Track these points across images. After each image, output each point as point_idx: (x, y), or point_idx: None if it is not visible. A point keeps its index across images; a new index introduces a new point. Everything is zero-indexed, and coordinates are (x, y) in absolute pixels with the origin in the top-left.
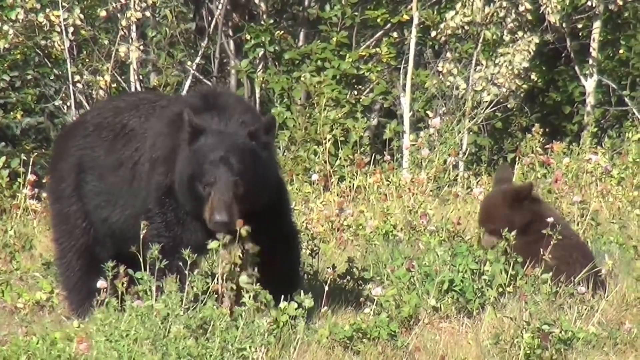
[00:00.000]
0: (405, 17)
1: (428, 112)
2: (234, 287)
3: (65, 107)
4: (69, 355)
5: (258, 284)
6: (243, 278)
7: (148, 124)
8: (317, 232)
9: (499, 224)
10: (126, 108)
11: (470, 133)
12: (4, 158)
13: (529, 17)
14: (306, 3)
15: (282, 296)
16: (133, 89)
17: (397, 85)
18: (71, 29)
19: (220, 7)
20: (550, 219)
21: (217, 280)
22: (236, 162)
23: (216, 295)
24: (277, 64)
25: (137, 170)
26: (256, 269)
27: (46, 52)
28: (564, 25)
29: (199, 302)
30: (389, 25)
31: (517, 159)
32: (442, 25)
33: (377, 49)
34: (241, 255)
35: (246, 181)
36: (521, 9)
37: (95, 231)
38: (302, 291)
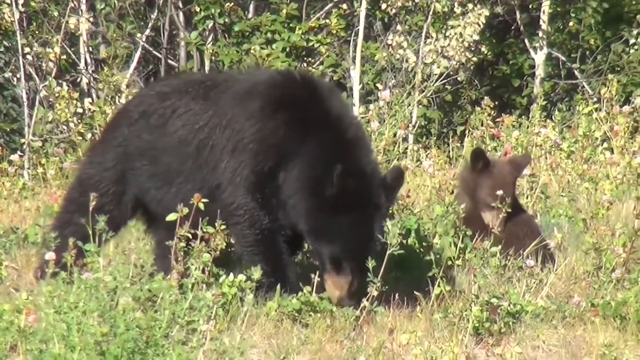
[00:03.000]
0: None
1: (378, 84)
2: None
3: (15, 79)
4: (18, 327)
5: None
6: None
7: (212, 105)
8: None
9: (508, 193)
10: (173, 92)
11: (420, 106)
12: None
13: None
14: None
15: None
16: (83, 62)
17: (346, 57)
18: (21, 1)
19: None
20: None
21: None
22: None
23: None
24: (226, 36)
25: (205, 148)
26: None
27: None
28: None
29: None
30: None
31: (466, 132)
32: None
33: (327, 21)
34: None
35: None
36: None
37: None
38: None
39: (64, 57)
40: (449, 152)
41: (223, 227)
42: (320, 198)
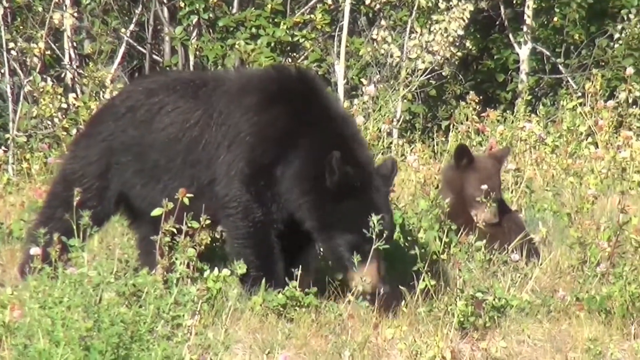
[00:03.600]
0: None
1: (362, 79)
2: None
3: None
4: (2, 322)
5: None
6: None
7: (202, 103)
8: None
9: (495, 186)
10: (160, 89)
11: (405, 101)
12: None
13: None
14: None
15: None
16: (67, 57)
17: (331, 52)
18: None
19: None
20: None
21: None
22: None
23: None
24: (211, 31)
25: (197, 145)
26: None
27: None
28: None
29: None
30: None
31: (451, 126)
32: None
33: (312, 16)
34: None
35: None
36: None
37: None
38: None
39: (49, 52)
40: (434, 146)
41: (208, 222)
42: (324, 190)
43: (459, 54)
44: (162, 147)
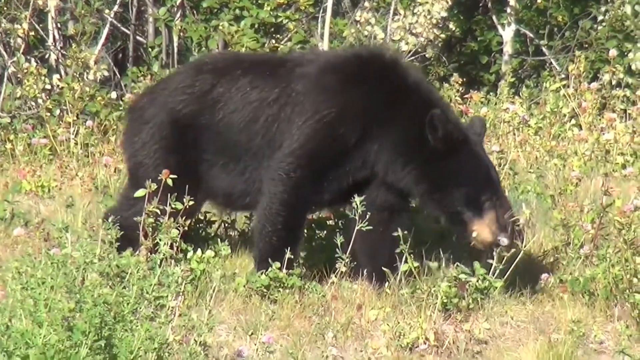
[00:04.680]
0: None
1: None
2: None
3: None
4: None
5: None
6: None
7: (280, 81)
8: None
9: None
10: (230, 68)
11: None
12: None
13: None
14: None
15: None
16: (51, 38)
17: (315, 34)
18: None
19: None
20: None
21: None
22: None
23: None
24: (195, 12)
25: (272, 122)
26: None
27: None
28: None
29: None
30: None
31: None
32: None
33: None
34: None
35: None
36: None
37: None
38: (219, 239)
39: (32, 33)
40: None
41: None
42: (428, 152)
43: (443, 35)
44: (242, 127)
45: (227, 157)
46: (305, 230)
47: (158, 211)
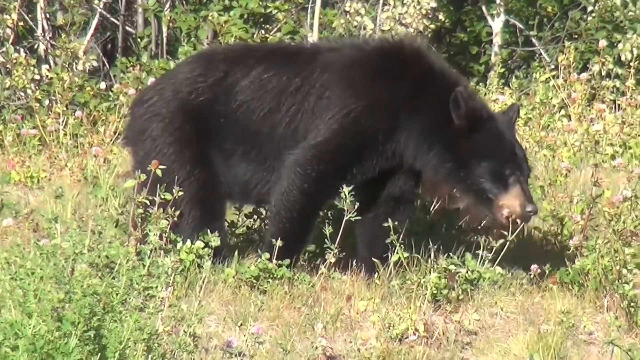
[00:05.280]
0: None
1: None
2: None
3: None
4: None
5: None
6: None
7: (299, 70)
8: None
9: None
10: (244, 57)
11: None
12: None
13: None
14: None
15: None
16: (40, 28)
17: (304, 24)
18: None
19: None
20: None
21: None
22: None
23: None
24: (184, 2)
25: (295, 113)
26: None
27: None
28: None
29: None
30: None
31: None
32: None
33: None
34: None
35: None
36: None
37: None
38: (206, 228)
39: (21, 23)
40: None
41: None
42: (452, 132)
43: (432, 26)
44: (262, 115)
45: (247, 146)
46: None
47: (147, 202)
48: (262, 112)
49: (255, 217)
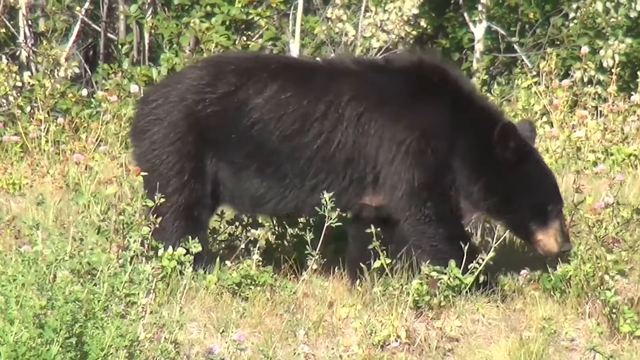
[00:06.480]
0: None
1: (317, 58)
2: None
3: None
4: None
5: None
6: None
7: (320, 93)
8: None
9: None
10: (246, 73)
11: None
12: None
13: None
14: None
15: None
16: (22, 35)
17: (286, 31)
18: None
19: None
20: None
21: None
22: None
23: None
24: (166, 9)
25: (328, 141)
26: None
27: None
28: None
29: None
30: None
31: None
32: None
33: None
34: None
35: None
36: None
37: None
38: (189, 237)
39: (3, 30)
40: None
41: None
42: (497, 164)
43: (414, 32)
44: (283, 136)
45: (262, 162)
46: (276, 228)
47: (130, 209)
48: (282, 134)
49: (237, 223)
